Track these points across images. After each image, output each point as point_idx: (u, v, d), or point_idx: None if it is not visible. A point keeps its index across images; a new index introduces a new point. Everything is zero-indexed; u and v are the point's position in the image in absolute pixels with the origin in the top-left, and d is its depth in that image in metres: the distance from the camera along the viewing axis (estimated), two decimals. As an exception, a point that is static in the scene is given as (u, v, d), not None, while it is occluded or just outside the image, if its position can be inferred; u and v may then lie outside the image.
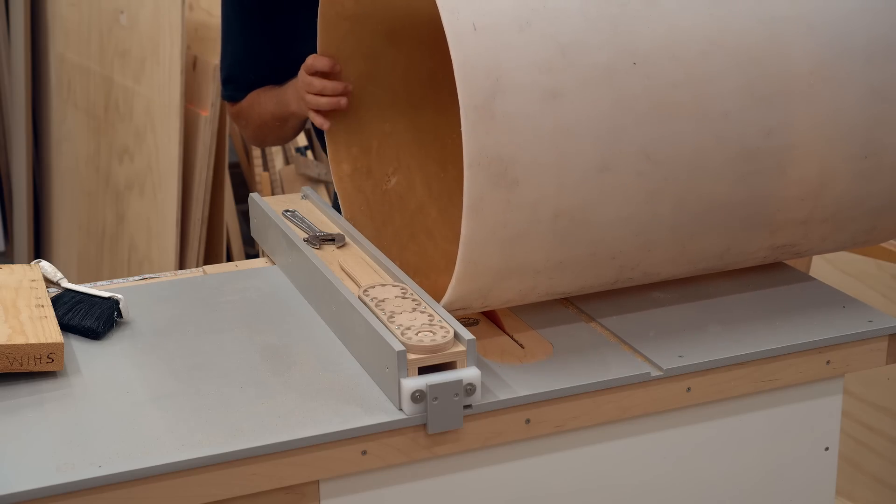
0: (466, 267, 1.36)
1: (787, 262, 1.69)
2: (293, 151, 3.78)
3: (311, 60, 1.74)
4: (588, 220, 1.38)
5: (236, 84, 2.05)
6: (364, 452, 1.29)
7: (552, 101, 1.33)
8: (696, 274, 1.58)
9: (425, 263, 1.69)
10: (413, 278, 1.53)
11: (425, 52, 1.75)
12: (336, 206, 2.01)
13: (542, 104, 1.32)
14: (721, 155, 1.42)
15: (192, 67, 3.15)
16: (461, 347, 1.32)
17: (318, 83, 1.73)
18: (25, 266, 1.62)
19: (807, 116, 1.45)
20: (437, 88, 1.77)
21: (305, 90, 1.76)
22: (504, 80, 1.31)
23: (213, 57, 3.10)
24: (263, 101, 2.01)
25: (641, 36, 1.38)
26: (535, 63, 1.32)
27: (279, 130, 2.04)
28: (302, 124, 2.03)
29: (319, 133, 1.81)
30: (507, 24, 1.32)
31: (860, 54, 1.47)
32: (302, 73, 1.77)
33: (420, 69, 1.77)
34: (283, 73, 2.00)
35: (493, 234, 1.34)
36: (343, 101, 1.73)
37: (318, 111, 1.76)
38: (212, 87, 3.08)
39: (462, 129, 1.29)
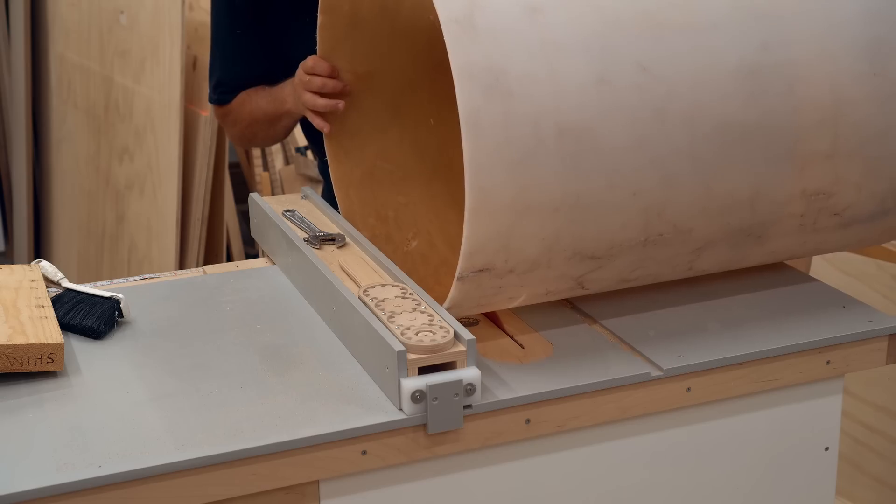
0: (476, 196, 1.31)
1: (787, 262, 1.69)
2: (293, 151, 3.78)
3: (312, 62, 1.73)
4: (596, 141, 1.35)
5: (226, 87, 2.04)
6: (364, 452, 1.29)
7: (532, 16, 1.34)
8: (731, 236, 1.50)
9: None
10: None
11: (431, 126, 1.76)
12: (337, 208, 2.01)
13: (523, 19, 1.33)
14: (720, 69, 1.41)
15: (192, 67, 3.15)
16: (461, 347, 1.32)
17: (318, 80, 1.72)
18: (25, 266, 1.62)
19: (802, 31, 1.46)
20: (447, 161, 1.76)
21: (304, 88, 1.75)
22: None
23: (213, 57, 3.10)
24: (256, 99, 1.99)
25: None
26: None
27: (270, 129, 2.02)
28: (293, 125, 2.01)
29: (331, 195, 1.80)
30: None
31: None
32: (300, 71, 1.76)
33: (428, 143, 1.77)
34: (275, 77, 1.99)
35: (497, 153, 1.31)
36: (341, 104, 1.72)
37: (316, 112, 1.75)
38: (212, 87, 3.08)
39: (446, 44, 1.29)
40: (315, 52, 1.72)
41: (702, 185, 1.43)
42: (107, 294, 1.55)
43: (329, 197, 1.81)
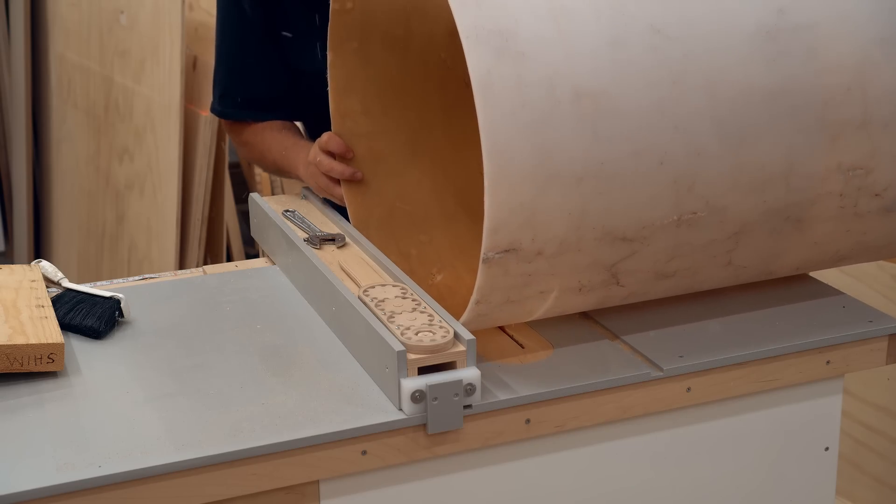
0: (494, 162, 1.26)
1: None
2: (293, 151, 3.78)
3: (326, 138, 1.72)
4: (614, 104, 1.32)
5: (231, 100, 2.01)
6: (364, 452, 1.29)
7: None
8: (769, 219, 1.45)
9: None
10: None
11: (449, 169, 1.75)
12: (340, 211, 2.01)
13: None
14: (737, 33, 1.38)
15: (192, 67, 3.15)
16: (461, 347, 1.32)
17: (327, 163, 1.73)
18: (25, 266, 1.62)
19: None
20: (468, 203, 1.74)
21: (316, 166, 1.75)
22: None
23: (212, 57, 3.10)
24: (270, 143, 1.96)
25: None
26: None
27: (277, 173, 2.03)
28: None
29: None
30: None
31: None
32: (315, 148, 1.76)
33: (447, 186, 1.76)
34: (282, 89, 1.97)
35: (512, 116, 1.27)
36: (358, 174, 1.72)
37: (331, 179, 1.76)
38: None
39: (451, 9, 1.27)
40: (325, 66, 1.70)
41: (731, 154, 1.39)
42: (107, 294, 1.55)
43: (329, 200, 1.81)
